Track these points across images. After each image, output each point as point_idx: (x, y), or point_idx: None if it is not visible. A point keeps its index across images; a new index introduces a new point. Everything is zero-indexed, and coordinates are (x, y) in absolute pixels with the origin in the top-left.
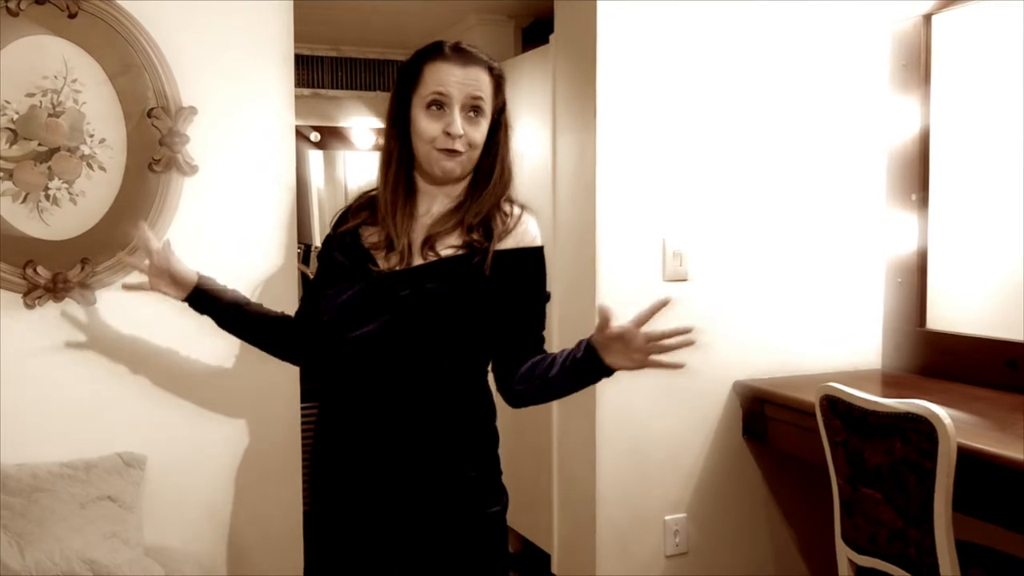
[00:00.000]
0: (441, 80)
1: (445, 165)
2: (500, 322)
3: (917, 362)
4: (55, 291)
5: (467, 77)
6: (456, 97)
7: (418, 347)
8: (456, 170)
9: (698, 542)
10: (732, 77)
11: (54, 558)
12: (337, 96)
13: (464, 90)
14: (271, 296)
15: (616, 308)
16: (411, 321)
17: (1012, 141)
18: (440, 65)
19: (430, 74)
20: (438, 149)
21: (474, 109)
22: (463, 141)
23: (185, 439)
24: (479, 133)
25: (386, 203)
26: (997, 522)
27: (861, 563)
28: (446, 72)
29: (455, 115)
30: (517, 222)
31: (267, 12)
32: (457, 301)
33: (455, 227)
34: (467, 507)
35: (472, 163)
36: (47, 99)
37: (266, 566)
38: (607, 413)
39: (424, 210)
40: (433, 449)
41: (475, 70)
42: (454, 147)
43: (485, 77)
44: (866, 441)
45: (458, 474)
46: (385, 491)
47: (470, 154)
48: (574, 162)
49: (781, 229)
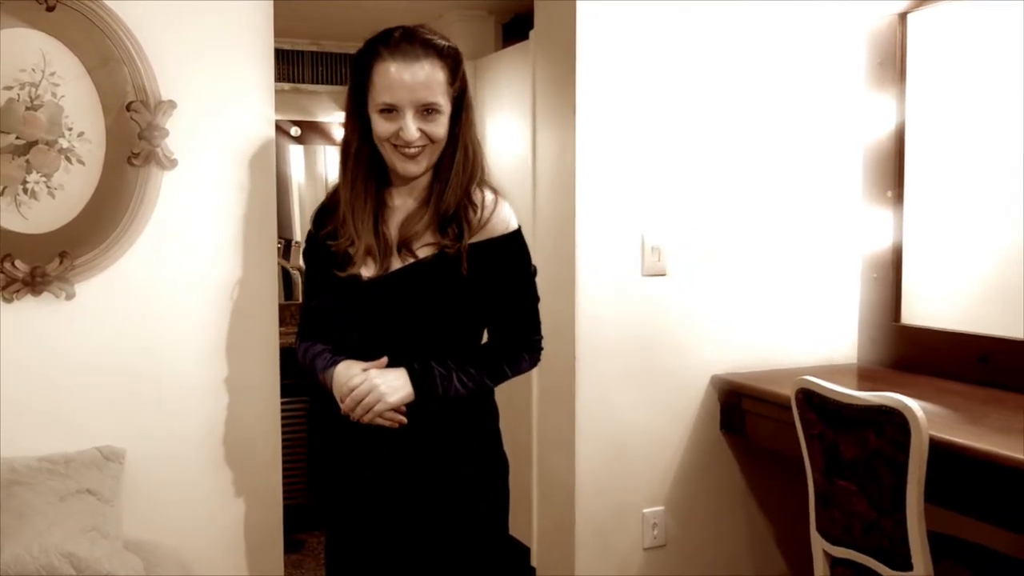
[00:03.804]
0: (389, 87)
1: (406, 167)
2: (489, 310)
3: (892, 356)
4: (33, 285)
5: (415, 81)
6: (406, 102)
7: (404, 350)
8: (417, 170)
9: (676, 534)
10: (710, 74)
11: (32, 551)
12: (317, 91)
13: (413, 97)
14: (250, 291)
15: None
16: (395, 326)
17: (986, 138)
18: (388, 68)
19: (379, 79)
20: (395, 147)
21: (428, 109)
22: (420, 140)
23: (164, 433)
24: (438, 127)
25: (346, 200)
26: (969, 513)
27: (836, 554)
28: (394, 78)
29: (407, 120)
30: (491, 213)
31: (247, 6)
32: (438, 302)
33: (428, 223)
34: (458, 505)
35: (436, 156)
36: (25, 92)
37: (246, 559)
38: (585, 407)
39: (400, 202)
40: (428, 444)
41: (425, 67)
42: (409, 152)
43: (437, 73)
44: (841, 434)
45: (453, 470)
46: (386, 488)
47: (431, 149)
48: (554, 158)
49: (759, 225)
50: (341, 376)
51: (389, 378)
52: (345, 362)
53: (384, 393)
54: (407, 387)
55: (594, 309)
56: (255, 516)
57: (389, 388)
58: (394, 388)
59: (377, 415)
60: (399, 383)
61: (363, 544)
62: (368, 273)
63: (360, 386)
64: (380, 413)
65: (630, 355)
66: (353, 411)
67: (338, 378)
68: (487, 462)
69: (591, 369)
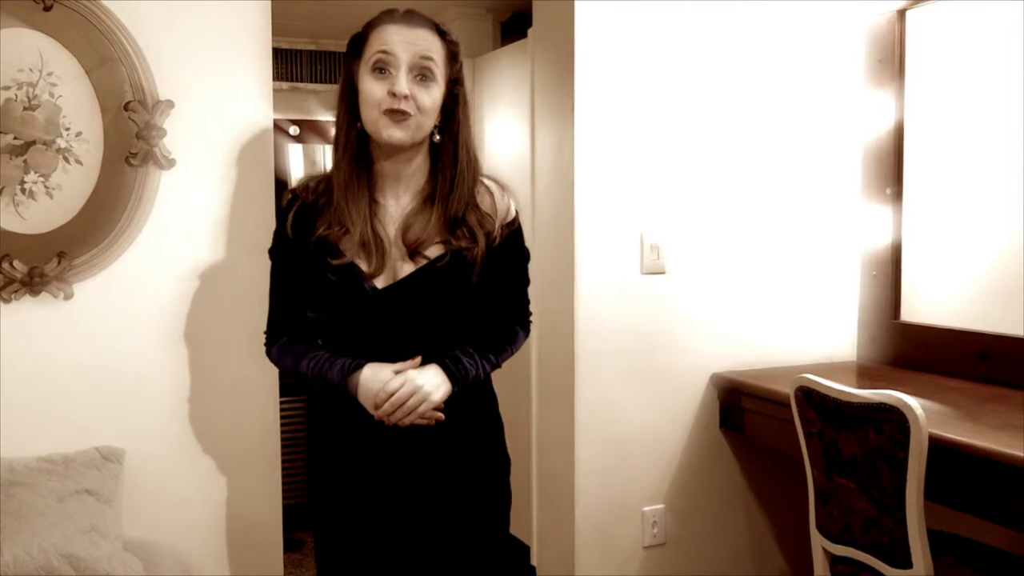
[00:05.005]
0: (386, 40)
1: (392, 132)
2: (491, 294)
3: (891, 354)
4: (31, 285)
5: (415, 37)
6: (402, 57)
7: (421, 348)
8: (404, 138)
9: (676, 533)
10: (709, 72)
11: (31, 552)
12: (316, 90)
13: (411, 49)
14: (250, 291)
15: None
16: (413, 328)
17: (985, 135)
18: (386, 27)
19: (375, 36)
20: (384, 112)
21: (423, 73)
22: (410, 104)
23: (163, 433)
24: (429, 98)
25: (340, 188)
26: (968, 511)
27: (836, 552)
28: (392, 31)
29: (401, 75)
30: (506, 210)
31: (245, 6)
32: (456, 300)
33: (436, 224)
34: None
35: (423, 132)
36: (23, 92)
37: (245, 559)
38: (585, 406)
39: (392, 201)
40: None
41: (424, 32)
42: (399, 107)
43: (436, 41)
44: (840, 431)
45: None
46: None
47: (419, 120)
48: (552, 156)
49: (758, 222)
50: (373, 381)
51: (428, 376)
52: (371, 366)
53: (429, 392)
54: (446, 382)
55: (593, 307)
56: (255, 516)
57: (432, 386)
58: (435, 385)
59: (420, 416)
60: (439, 379)
61: (364, 544)
62: (381, 284)
63: (401, 389)
64: (423, 413)
65: (630, 353)
66: (392, 414)
67: (369, 384)
68: (492, 455)
69: (591, 368)
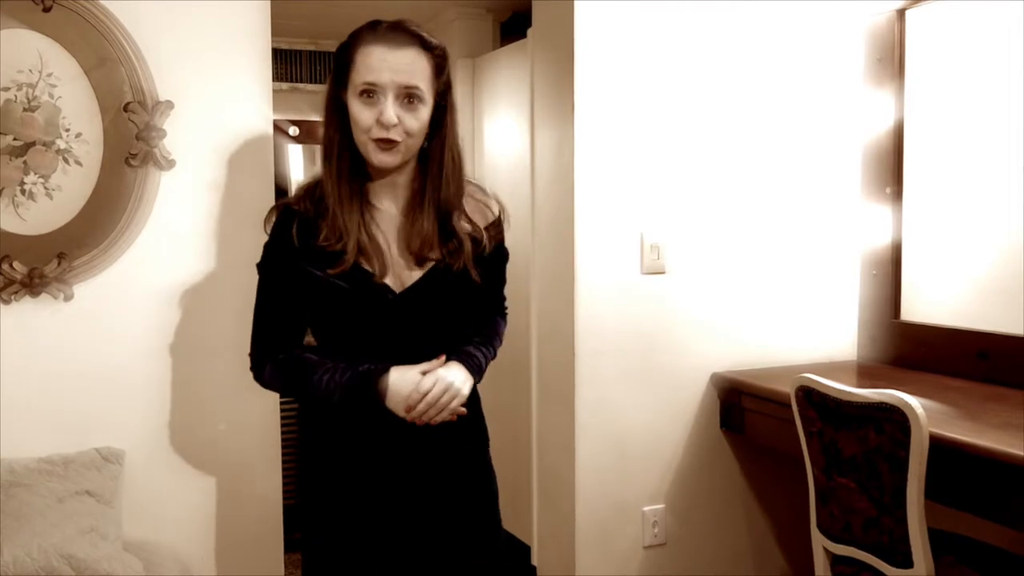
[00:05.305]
0: (372, 67)
1: (381, 158)
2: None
3: (891, 353)
4: (31, 286)
5: (399, 63)
6: (388, 86)
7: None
8: (394, 163)
9: (676, 532)
10: (709, 71)
11: (32, 553)
12: (316, 90)
13: (396, 79)
14: (250, 291)
15: (594, 301)
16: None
17: (985, 134)
18: (372, 50)
19: (361, 60)
20: (373, 140)
21: (410, 96)
22: (398, 130)
23: (163, 434)
24: (417, 121)
25: (334, 197)
26: (969, 510)
27: (836, 551)
28: (377, 58)
29: (388, 104)
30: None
31: (244, 6)
32: (464, 298)
33: (433, 227)
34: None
35: (411, 152)
36: (22, 93)
37: (245, 560)
38: (585, 405)
39: (387, 204)
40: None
41: (410, 53)
42: (388, 136)
43: (422, 60)
44: (841, 431)
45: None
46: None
47: (407, 143)
48: (552, 156)
49: (758, 222)
50: (403, 383)
51: (455, 372)
52: (397, 368)
53: (459, 388)
54: (469, 376)
55: (594, 307)
56: (255, 516)
57: (460, 382)
58: (463, 381)
59: (452, 412)
60: (464, 375)
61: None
62: (394, 289)
63: (434, 388)
64: (455, 410)
65: (630, 353)
66: (425, 413)
67: (399, 386)
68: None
69: (591, 367)
